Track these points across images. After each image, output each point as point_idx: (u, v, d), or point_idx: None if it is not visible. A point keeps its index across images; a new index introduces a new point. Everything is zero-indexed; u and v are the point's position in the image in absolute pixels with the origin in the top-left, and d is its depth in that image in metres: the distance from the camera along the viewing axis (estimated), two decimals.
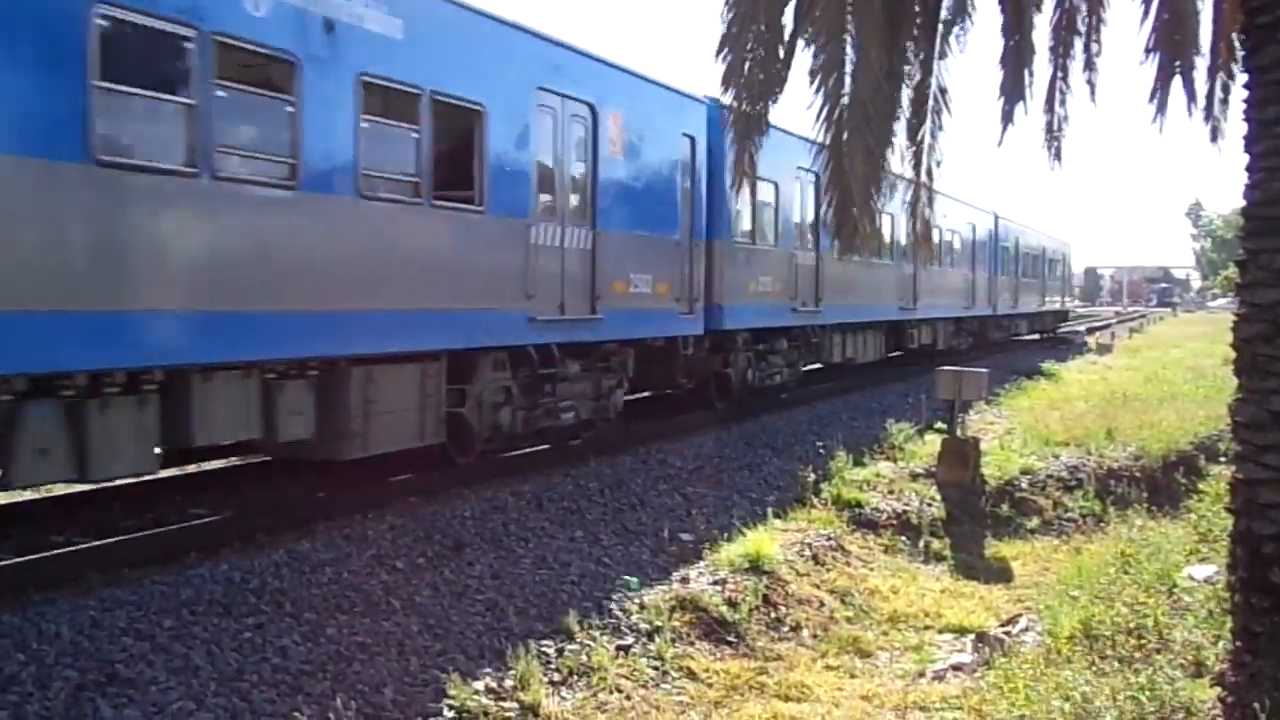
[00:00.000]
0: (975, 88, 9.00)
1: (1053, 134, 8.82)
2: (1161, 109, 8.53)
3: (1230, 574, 6.97)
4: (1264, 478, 6.50)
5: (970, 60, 9.15)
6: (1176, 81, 8.43)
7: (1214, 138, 9.04)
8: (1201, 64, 8.44)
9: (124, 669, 6.81)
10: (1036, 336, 48.18)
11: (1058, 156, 8.94)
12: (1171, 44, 8.24)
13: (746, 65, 7.99)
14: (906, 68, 8.29)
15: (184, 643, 7.28)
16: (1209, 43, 8.60)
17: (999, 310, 38.51)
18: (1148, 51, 8.32)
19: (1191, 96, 8.51)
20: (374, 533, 9.97)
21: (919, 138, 8.54)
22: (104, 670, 6.76)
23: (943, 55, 8.51)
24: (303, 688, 7.02)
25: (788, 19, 8.05)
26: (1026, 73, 8.38)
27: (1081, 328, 56.90)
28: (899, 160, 8.57)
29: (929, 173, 8.74)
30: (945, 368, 17.65)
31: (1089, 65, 8.73)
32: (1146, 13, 8.17)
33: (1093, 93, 8.81)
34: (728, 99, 8.21)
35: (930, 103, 8.54)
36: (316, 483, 11.49)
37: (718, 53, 8.06)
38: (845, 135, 7.61)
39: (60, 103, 7.75)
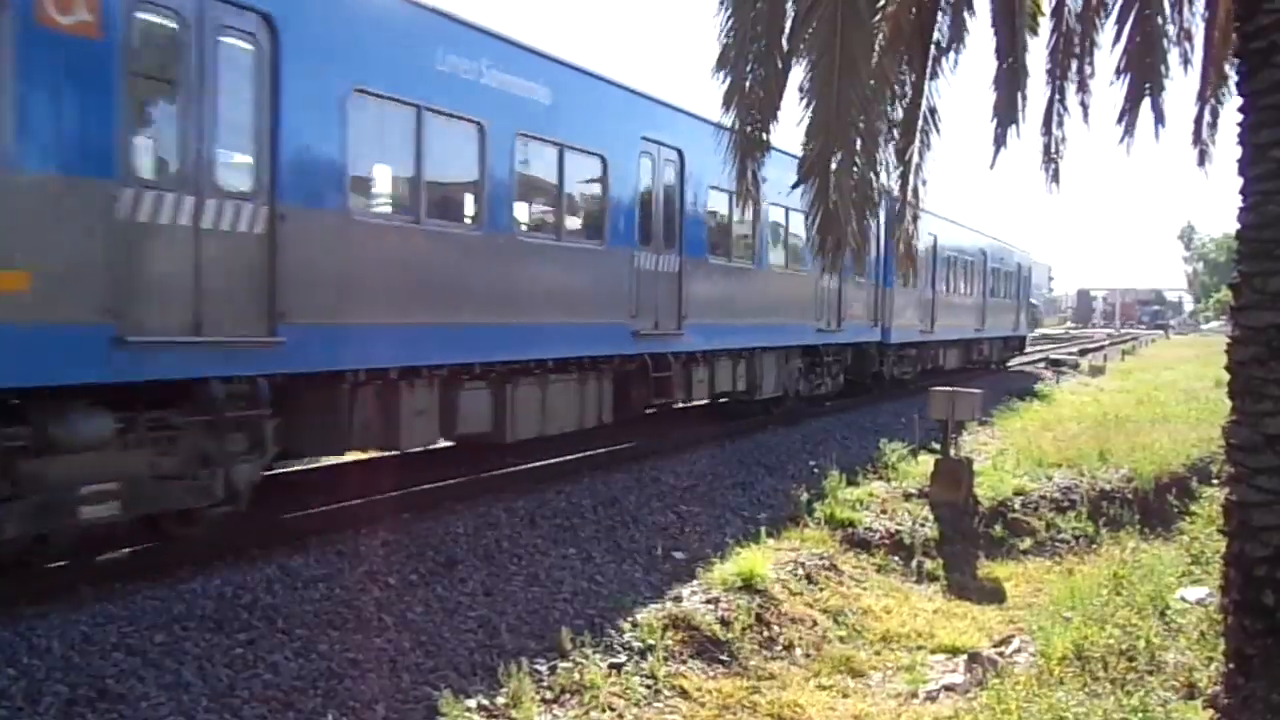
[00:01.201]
0: (967, 108, 9.04)
1: (1050, 156, 8.88)
2: (1129, 131, 8.63)
3: (1223, 596, 6.97)
4: (1257, 500, 6.51)
5: (961, 80, 9.17)
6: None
7: (1201, 161, 9.16)
8: (1171, 87, 8.57)
9: (115, 684, 6.78)
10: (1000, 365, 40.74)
11: (1055, 179, 9.00)
12: (1142, 67, 8.33)
13: (747, 84, 8.01)
14: (895, 87, 8.33)
15: (175, 658, 7.25)
16: (1200, 67, 8.71)
17: (894, 337, 26.67)
18: (1118, 73, 8.43)
19: (1159, 119, 8.62)
20: (366, 548, 9.95)
21: (906, 156, 8.58)
22: (95, 685, 6.72)
23: (934, 76, 8.57)
24: (294, 704, 6.99)
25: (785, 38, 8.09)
26: (1020, 96, 8.43)
27: (1075, 349, 56.98)
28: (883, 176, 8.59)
29: (914, 192, 8.79)
30: (939, 388, 17.63)
31: (1082, 87, 8.81)
32: (1119, 35, 8.27)
33: (1085, 114, 8.90)
34: (727, 120, 8.21)
35: (919, 122, 8.59)
36: (310, 498, 11.46)
37: (715, 70, 8.09)
38: (834, 153, 7.61)
39: None
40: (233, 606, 8.24)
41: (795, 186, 8.02)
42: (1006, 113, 8.44)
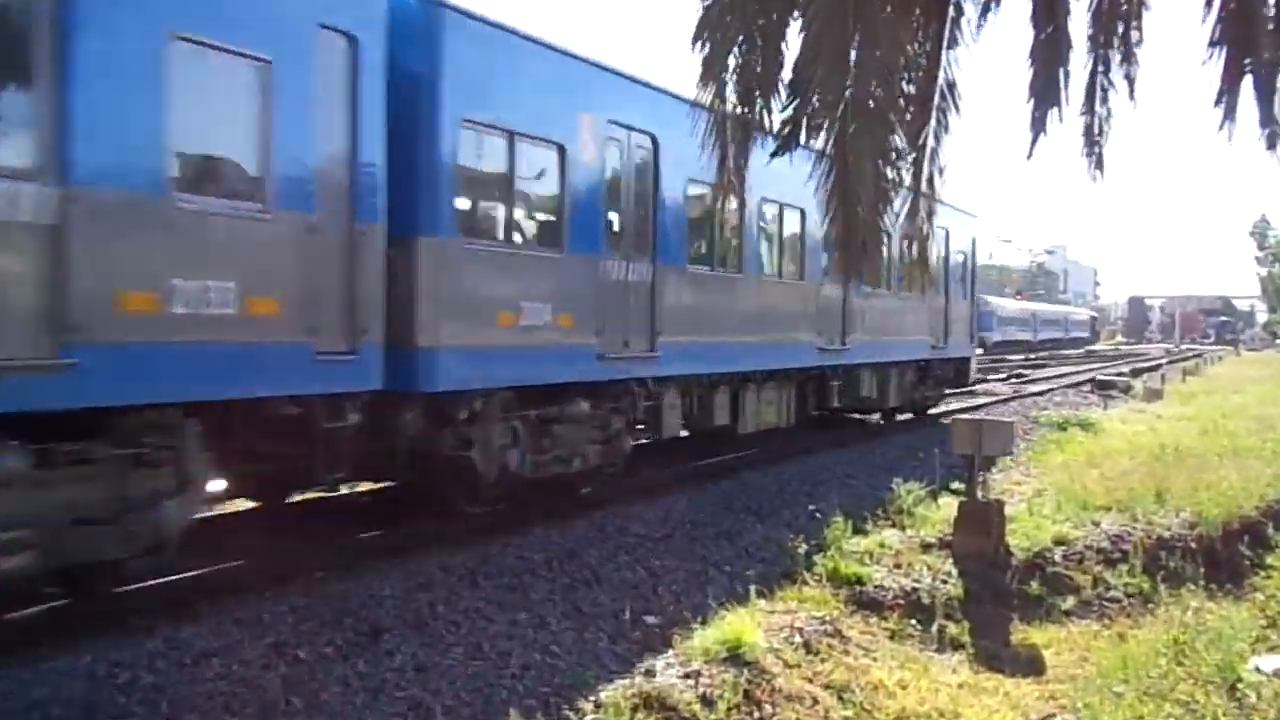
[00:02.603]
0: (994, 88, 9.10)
1: (1093, 138, 8.89)
2: (1230, 114, 8.53)
3: None
4: None
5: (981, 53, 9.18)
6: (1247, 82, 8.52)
7: (1272, 144, 9.18)
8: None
9: None
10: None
11: (1099, 165, 9.00)
12: (1242, 38, 8.31)
13: (733, 60, 8.04)
14: (906, 59, 8.34)
15: None
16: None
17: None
18: (1212, 45, 8.40)
19: (1263, 98, 8.57)
20: (271, 615, 9.90)
21: (921, 140, 8.59)
22: None
23: (952, 44, 8.59)
24: None
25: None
26: (1062, 71, 8.45)
27: (1126, 369, 57.41)
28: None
29: (930, 182, 8.79)
30: (962, 417, 17.68)
31: (1128, 58, 8.83)
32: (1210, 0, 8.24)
33: (1132, 90, 8.89)
34: (707, 97, 8.25)
35: (935, 99, 8.61)
36: (204, 555, 11.40)
37: (694, 40, 8.14)
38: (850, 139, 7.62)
39: None
40: (107, 688, 8.18)
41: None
42: (1046, 92, 8.43)
